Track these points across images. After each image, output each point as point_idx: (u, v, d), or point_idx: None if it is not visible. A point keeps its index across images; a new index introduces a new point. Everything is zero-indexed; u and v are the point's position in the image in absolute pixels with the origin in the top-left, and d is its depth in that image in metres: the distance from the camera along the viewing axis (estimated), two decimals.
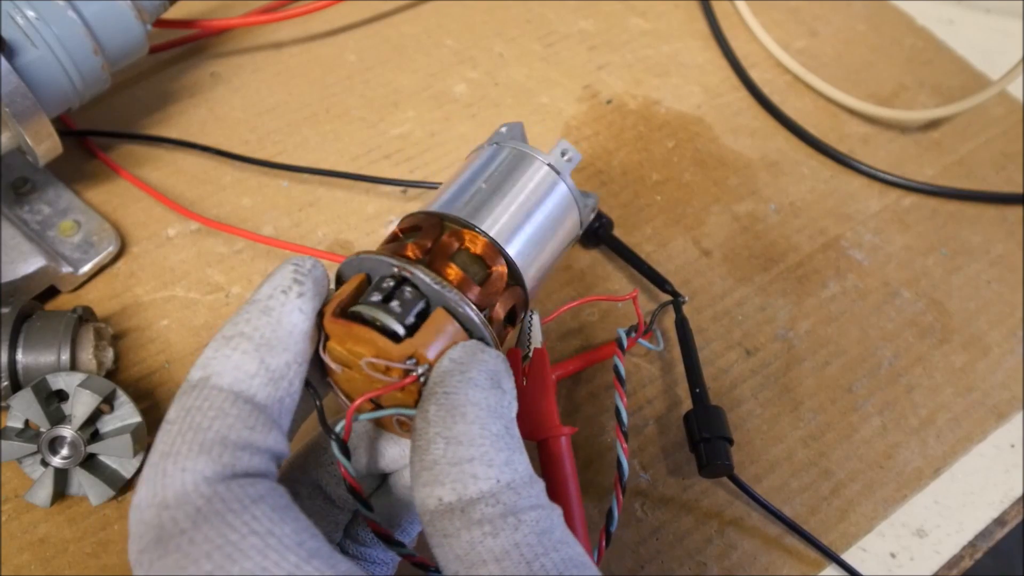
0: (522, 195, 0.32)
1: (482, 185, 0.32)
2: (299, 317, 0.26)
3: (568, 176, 0.33)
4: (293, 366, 0.25)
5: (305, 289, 0.26)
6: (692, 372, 0.41)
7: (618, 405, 0.35)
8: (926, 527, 0.41)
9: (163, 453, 0.23)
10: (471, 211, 0.30)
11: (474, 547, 0.23)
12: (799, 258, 0.49)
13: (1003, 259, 0.51)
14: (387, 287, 0.27)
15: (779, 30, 0.59)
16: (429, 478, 0.24)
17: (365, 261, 0.28)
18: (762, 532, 0.40)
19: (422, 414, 0.25)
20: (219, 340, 0.25)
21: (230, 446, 0.23)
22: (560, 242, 0.33)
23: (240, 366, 0.24)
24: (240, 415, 0.24)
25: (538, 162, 0.33)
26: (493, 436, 0.24)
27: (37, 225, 0.44)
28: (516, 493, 0.24)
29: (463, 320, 0.27)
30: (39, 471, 0.37)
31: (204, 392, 0.24)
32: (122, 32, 0.42)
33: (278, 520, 0.22)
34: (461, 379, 0.25)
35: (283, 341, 0.25)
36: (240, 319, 0.25)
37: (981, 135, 0.56)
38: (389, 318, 0.26)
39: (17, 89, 0.38)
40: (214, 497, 0.22)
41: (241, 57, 0.54)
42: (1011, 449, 0.44)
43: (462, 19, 0.57)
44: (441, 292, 0.27)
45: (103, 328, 0.40)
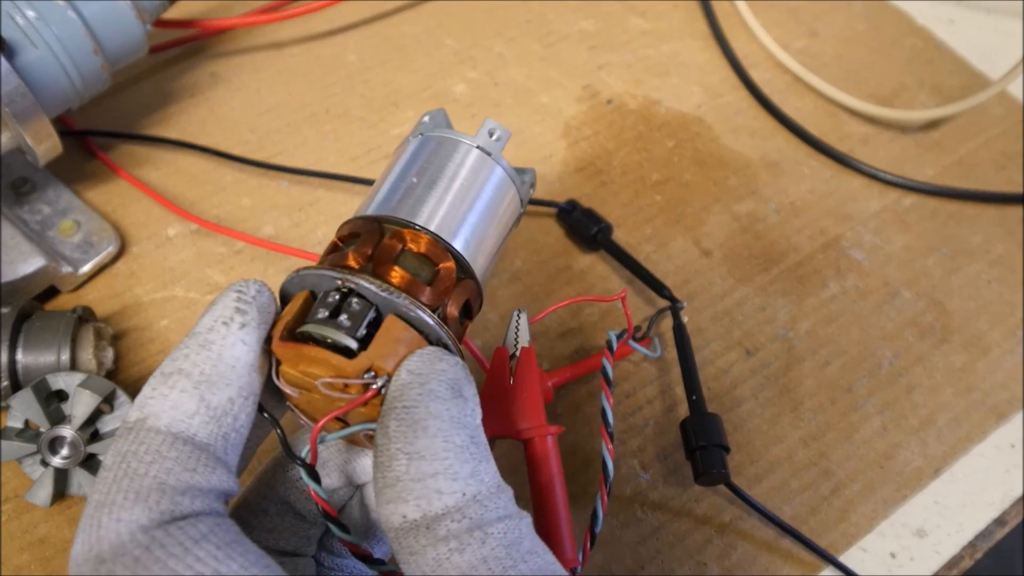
0: (456, 183, 0.30)
1: (413, 179, 0.30)
2: (242, 350, 0.25)
3: (500, 156, 0.32)
4: (237, 400, 0.24)
5: (248, 319, 0.25)
6: (689, 379, 0.41)
7: (604, 406, 0.35)
8: (926, 527, 0.41)
9: (98, 503, 0.22)
10: (408, 209, 0.29)
11: (440, 564, 0.22)
12: (799, 258, 0.49)
13: (1003, 259, 0.51)
14: (333, 301, 0.26)
15: (779, 30, 0.59)
16: (392, 495, 0.23)
17: (307, 277, 0.27)
18: (761, 533, 0.40)
19: (382, 430, 0.24)
20: (157, 378, 0.24)
21: (168, 491, 0.22)
22: (503, 225, 0.32)
23: (178, 405, 0.23)
24: (179, 457, 0.23)
25: (466, 146, 0.31)
26: (457, 448, 0.23)
27: (37, 225, 0.44)
28: (483, 506, 0.23)
29: (416, 324, 0.26)
30: (39, 471, 0.37)
31: (140, 435, 0.23)
32: (122, 32, 0.42)
33: (224, 558, 0.21)
34: (420, 391, 0.24)
35: (225, 376, 0.24)
36: (179, 354, 0.24)
37: (981, 135, 0.56)
38: (339, 333, 0.25)
39: (17, 89, 0.38)
40: (152, 544, 0.21)
41: (241, 57, 0.54)
42: (1011, 449, 0.44)
43: (462, 19, 0.57)
44: (389, 299, 0.26)
45: (103, 328, 0.40)
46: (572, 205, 0.48)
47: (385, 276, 0.27)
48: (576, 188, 0.50)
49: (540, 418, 0.35)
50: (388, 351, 0.25)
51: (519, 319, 0.37)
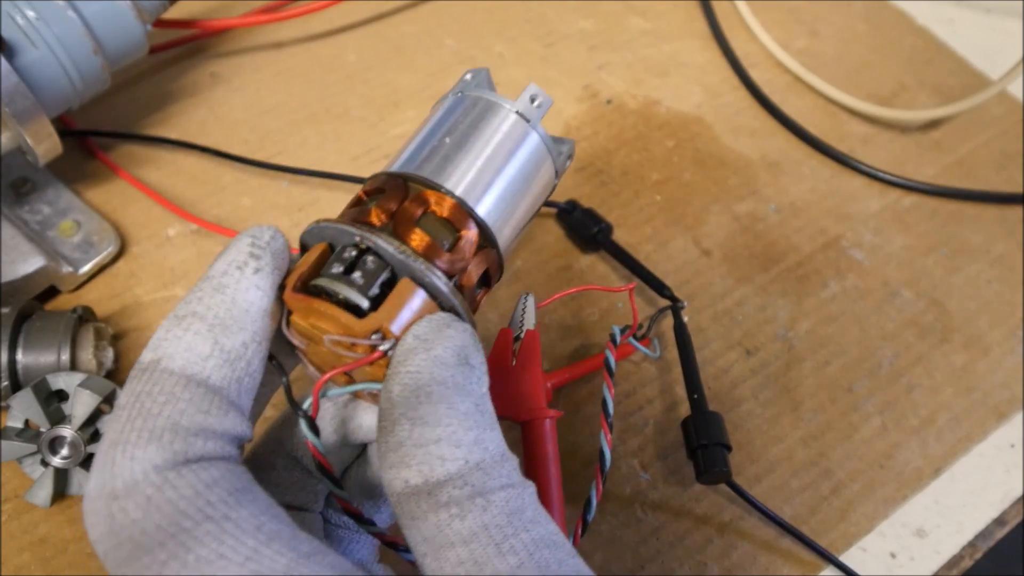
0: (489, 148, 0.29)
1: (446, 140, 0.29)
2: (256, 294, 0.24)
3: (539, 123, 0.31)
4: (251, 345, 0.24)
5: (262, 264, 0.25)
6: (690, 378, 0.41)
7: (605, 396, 0.35)
8: (926, 527, 0.41)
9: (112, 442, 0.22)
10: (435, 169, 0.28)
11: (441, 529, 0.22)
12: (799, 258, 0.49)
13: (1003, 259, 0.51)
14: (348, 257, 0.26)
15: (779, 30, 0.59)
16: (395, 460, 0.23)
17: (326, 229, 0.26)
18: (761, 533, 0.40)
19: (386, 394, 0.24)
20: (171, 320, 0.24)
21: (182, 432, 0.22)
22: (535, 196, 0.31)
23: (192, 348, 0.23)
24: (193, 399, 0.23)
25: (505, 110, 0.30)
26: (461, 415, 0.23)
27: (37, 225, 0.44)
28: (485, 473, 0.23)
29: (430, 289, 0.26)
30: (39, 471, 0.37)
31: (154, 376, 0.23)
32: (122, 32, 0.42)
33: (234, 504, 0.21)
34: (426, 357, 0.24)
35: (239, 320, 0.24)
36: (193, 297, 0.24)
37: (981, 135, 0.56)
38: (351, 290, 0.25)
39: (17, 89, 0.38)
40: (165, 485, 0.21)
41: (241, 57, 0.54)
42: (1011, 449, 0.44)
43: (462, 19, 0.57)
44: (405, 261, 0.25)
45: (103, 328, 0.40)
46: (572, 205, 0.48)
47: (405, 237, 0.26)
48: (576, 188, 0.50)
49: (540, 401, 0.35)
50: (397, 314, 0.25)
51: (526, 302, 0.36)
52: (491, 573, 0.21)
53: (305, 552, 0.21)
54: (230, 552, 0.20)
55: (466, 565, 0.21)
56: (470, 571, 0.21)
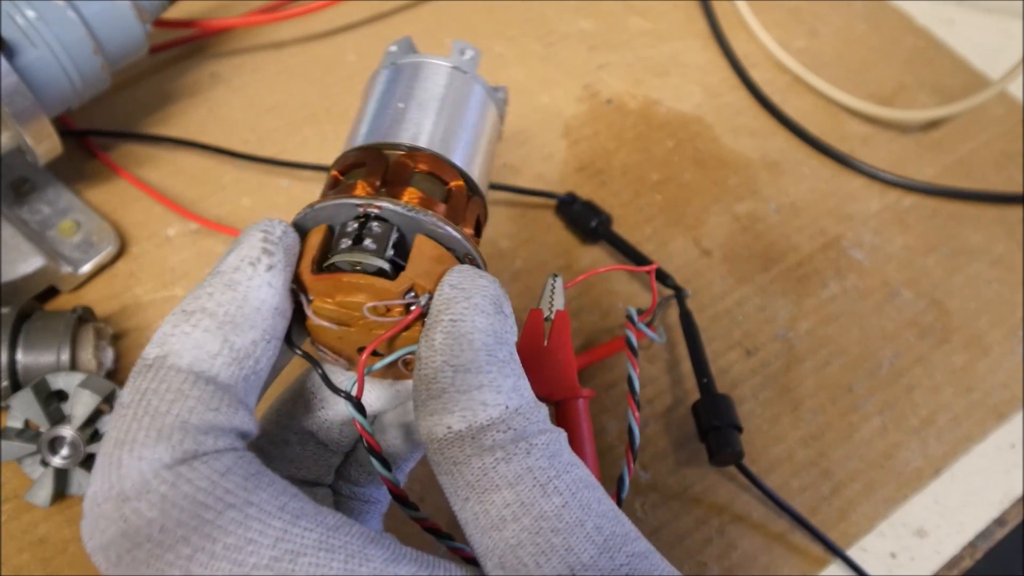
0: (445, 104, 0.30)
1: (400, 105, 0.30)
2: (268, 292, 0.24)
3: (476, 73, 0.32)
4: (260, 344, 0.24)
5: (275, 260, 0.24)
6: (699, 362, 0.42)
7: (630, 374, 0.35)
8: (926, 527, 0.41)
9: (118, 441, 0.21)
10: (404, 132, 0.29)
11: (486, 473, 0.22)
12: (799, 258, 0.49)
13: (1003, 259, 0.51)
14: (352, 229, 0.25)
15: (779, 30, 0.59)
16: (437, 407, 0.23)
17: (320, 211, 0.26)
18: (764, 530, 0.40)
19: (427, 343, 0.24)
20: (178, 315, 0.23)
21: (191, 430, 0.22)
22: (491, 141, 0.32)
23: (201, 345, 0.23)
24: (202, 397, 0.22)
25: (445, 67, 0.31)
26: (500, 362, 0.24)
27: (37, 225, 0.44)
28: (525, 418, 0.23)
29: (445, 240, 0.26)
30: (39, 471, 0.37)
31: (161, 373, 0.22)
32: (122, 32, 0.42)
33: (253, 488, 0.21)
34: (467, 305, 0.24)
35: (249, 318, 0.24)
36: (203, 292, 0.24)
37: (981, 135, 0.56)
38: (369, 257, 0.25)
39: (17, 89, 0.38)
40: (179, 480, 0.21)
41: (241, 57, 0.54)
42: (1011, 449, 0.44)
43: (462, 19, 0.57)
44: (415, 217, 0.25)
45: (103, 328, 0.40)
46: (572, 197, 0.48)
47: (400, 198, 0.26)
48: (576, 188, 0.50)
49: (573, 381, 0.35)
50: (425, 269, 0.25)
51: (555, 283, 0.37)
52: (538, 513, 0.22)
53: (332, 525, 0.21)
54: (258, 536, 0.20)
55: (512, 507, 0.22)
56: (516, 512, 0.22)
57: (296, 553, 0.20)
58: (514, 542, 0.22)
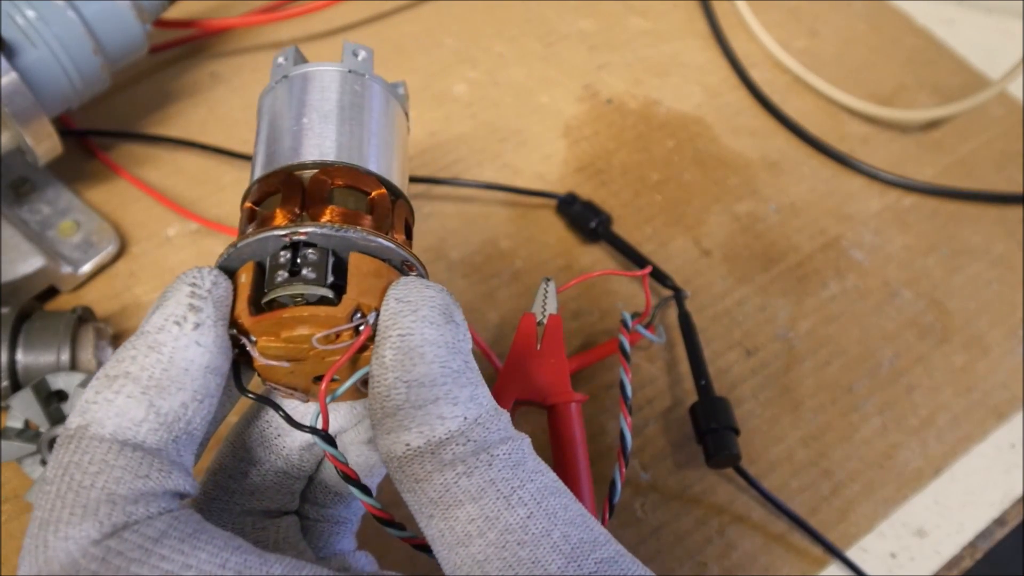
0: (344, 110, 0.29)
1: (304, 120, 0.28)
2: (196, 352, 0.22)
3: (373, 74, 0.31)
4: (191, 405, 0.22)
5: (203, 317, 0.23)
6: (697, 365, 0.42)
7: (622, 379, 0.35)
8: (926, 527, 0.41)
9: (42, 522, 0.20)
10: (312, 149, 0.27)
11: (448, 489, 0.22)
12: (799, 258, 0.49)
13: (1003, 259, 0.51)
14: (286, 260, 0.24)
15: (779, 30, 0.59)
16: (393, 425, 0.22)
17: (244, 248, 0.25)
18: (764, 530, 0.40)
19: (378, 360, 0.23)
20: (101, 380, 0.22)
21: (120, 502, 0.20)
22: (402, 139, 0.31)
23: (124, 412, 0.21)
24: (129, 465, 0.21)
25: (339, 72, 0.30)
26: (455, 373, 0.23)
27: (37, 225, 0.44)
28: (485, 428, 0.23)
29: (379, 253, 0.25)
30: (39, 471, 0.37)
31: (83, 444, 0.21)
32: (122, 32, 0.42)
33: (190, 550, 0.20)
34: (414, 318, 0.23)
35: (177, 380, 0.22)
36: (125, 355, 0.22)
37: (981, 135, 0.56)
38: (311, 287, 0.24)
39: (17, 89, 0.38)
40: (108, 555, 0.20)
41: (241, 57, 0.54)
42: (1011, 449, 0.44)
43: (462, 19, 0.57)
44: (345, 236, 0.24)
45: (103, 328, 0.40)
46: (572, 197, 0.48)
47: (324, 218, 0.25)
48: (576, 188, 0.50)
49: (566, 385, 0.35)
50: (367, 285, 0.24)
51: (547, 287, 0.37)
52: (503, 526, 0.21)
53: (279, 572, 0.21)
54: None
55: (477, 522, 0.21)
56: (481, 527, 0.21)
57: None
58: (481, 558, 0.21)
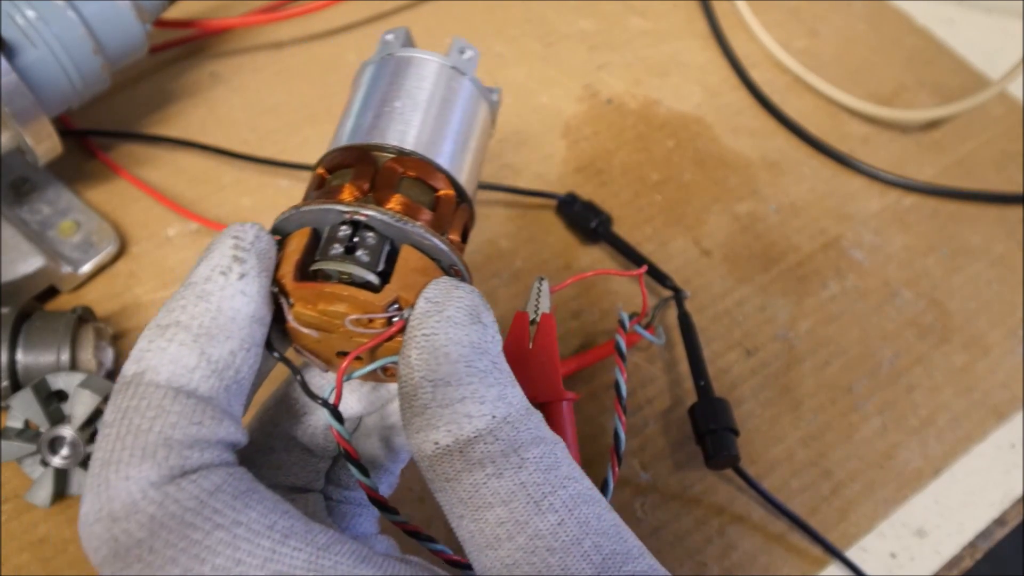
0: (437, 104, 0.29)
1: (396, 104, 0.29)
2: (242, 301, 0.23)
3: (473, 74, 0.31)
4: (239, 353, 0.23)
5: (247, 268, 0.24)
6: (696, 365, 0.42)
7: (618, 379, 0.35)
8: (926, 527, 0.41)
9: (103, 461, 0.21)
10: (394, 134, 0.28)
11: (478, 489, 0.22)
12: (799, 258, 0.49)
13: (1003, 259, 0.51)
14: (345, 235, 0.25)
15: (779, 30, 0.59)
16: (421, 423, 0.23)
17: (306, 213, 0.26)
18: (764, 530, 0.40)
19: (404, 360, 0.23)
20: (153, 329, 0.23)
21: (175, 446, 0.21)
22: (482, 146, 0.31)
23: (177, 359, 0.22)
24: (183, 412, 0.22)
25: (440, 65, 0.30)
26: (480, 372, 0.23)
27: (37, 225, 0.44)
28: (514, 427, 0.23)
29: (431, 252, 0.26)
30: (39, 471, 0.37)
31: (140, 390, 0.22)
32: (122, 32, 0.42)
33: (241, 507, 0.21)
34: (439, 319, 0.24)
35: (225, 329, 0.23)
36: (176, 305, 0.23)
37: (981, 135, 0.56)
38: (361, 269, 0.24)
39: (17, 89, 0.38)
40: (166, 500, 0.21)
41: (241, 57, 0.54)
42: (1011, 449, 0.44)
43: (462, 19, 0.57)
44: (403, 228, 0.25)
45: (103, 328, 0.40)
46: (572, 198, 0.48)
47: (387, 205, 0.26)
48: (576, 188, 0.50)
49: (557, 384, 0.35)
50: (409, 281, 0.25)
51: (541, 286, 0.37)
52: (533, 531, 0.21)
53: (323, 544, 0.21)
54: (247, 556, 0.20)
55: (507, 525, 0.21)
56: (512, 531, 0.21)
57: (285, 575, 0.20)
58: (509, 562, 0.21)
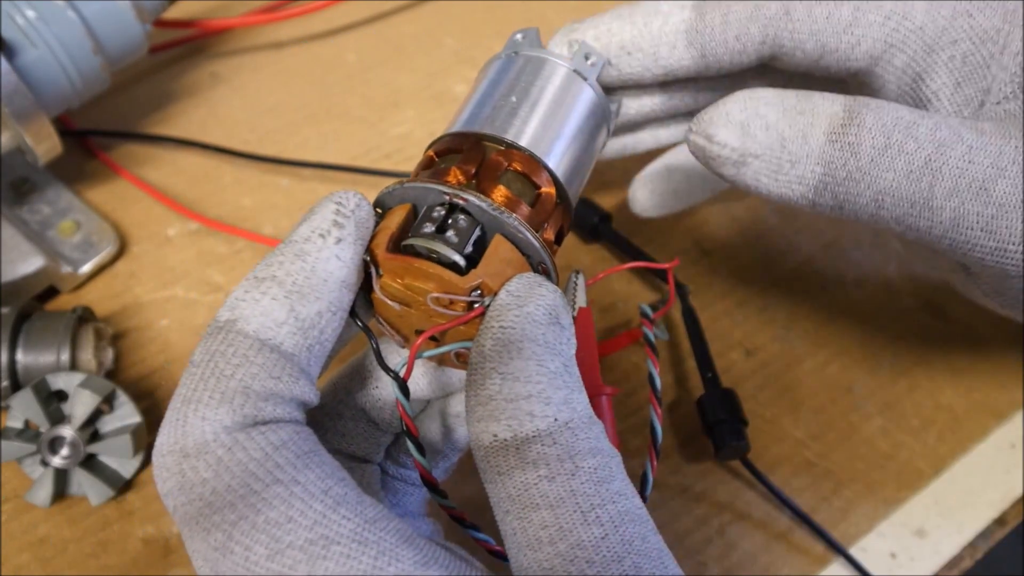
0: (552, 105, 0.30)
1: (513, 99, 0.30)
2: (336, 264, 0.24)
3: (595, 81, 0.31)
4: (326, 315, 0.24)
5: (346, 233, 0.25)
6: (703, 358, 0.42)
7: (651, 371, 0.34)
8: (926, 527, 0.41)
9: (185, 399, 0.23)
10: (508, 127, 0.29)
11: (528, 489, 0.22)
12: (799, 258, 0.49)
13: None
14: (438, 216, 0.26)
15: None
16: (484, 413, 0.23)
17: (409, 190, 0.26)
18: (764, 530, 0.40)
19: (478, 348, 0.24)
20: (250, 281, 0.24)
21: (252, 396, 0.22)
22: (593, 153, 0.32)
23: (268, 313, 0.23)
24: (265, 364, 0.23)
25: (564, 68, 0.31)
26: (551, 373, 0.23)
27: (37, 225, 0.44)
28: (574, 434, 0.23)
29: (522, 246, 0.26)
30: (39, 471, 0.37)
31: (229, 337, 0.23)
32: (122, 32, 0.42)
33: (302, 467, 0.22)
34: (519, 313, 0.24)
35: (316, 289, 0.24)
36: (274, 261, 0.24)
37: None
38: (448, 249, 0.25)
39: (17, 89, 0.38)
40: (235, 447, 0.22)
41: (241, 57, 0.54)
42: (1011, 449, 0.44)
43: (462, 19, 0.57)
44: (499, 218, 0.26)
45: (103, 328, 0.40)
46: None
47: (490, 193, 0.26)
48: None
49: (596, 378, 0.35)
50: (496, 270, 0.25)
51: (577, 280, 0.37)
52: (575, 541, 0.21)
53: (371, 517, 0.21)
54: (298, 515, 0.21)
55: (550, 529, 0.22)
56: (554, 536, 0.21)
57: (330, 540, 0.21)
58: (547, 566, 0.21)
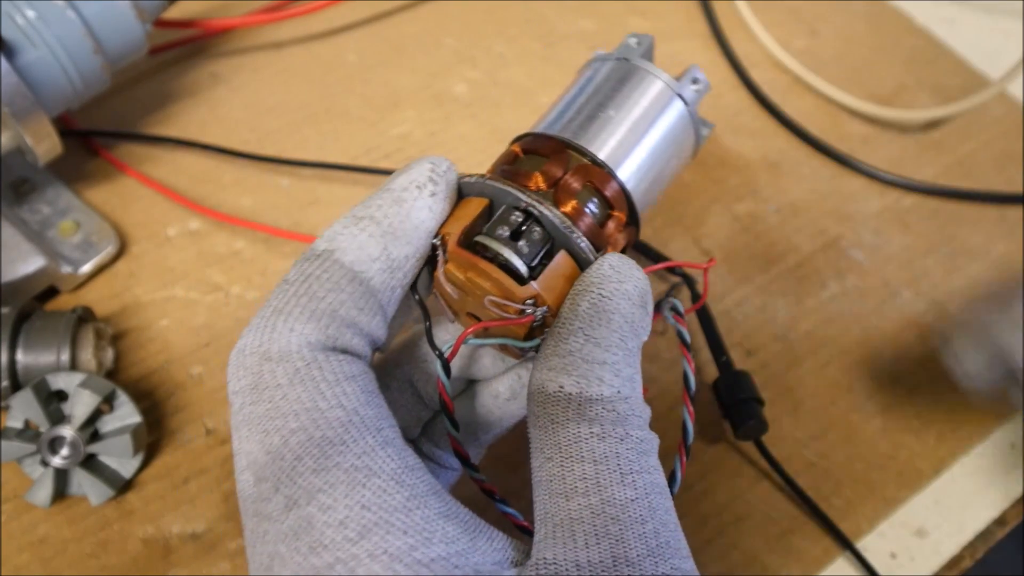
0: (651, 129, 0.30)
1: (611, 112, 0.30)
2: (427, 215, 0.26)
3: (695, 109, 0.31)
4: (412, 260, 0.26)
5: (438, 189, 0.27)
6: (715, 342, 0.42)
7: (686, 370, 0.34)
8: (926, 527, 0.41)
9: (276, 309, 0.24)
10: (600, 144, 0.29)
11: (578, 442, 0.23)
12: (799, 258, 0.49)
13: (1003, 259, 0.50)
14: (515, 221, 0.27)
15: (779, 30, 0.59)
16: (558, 364, 0.24)
17: (489, 187, 0.28)
18: (764, 530, 0.40)
19: (571, 305, 0.25)
20: (349, 218, 0.26)
21: (338, 320, 0.24)
22: (672, 173, 0.32)
23: (364, 247, 0.25)
24: (354, 294, 0.25)
25: (669, 92, 0.31)
26: (627, 350, 0.25)
27: (37, 225, 0.44)
28: (631, 408, 0.24)
29: (583, 265, 0.27)
30: (39, 471, 0.37)
31: (326, 264, 0.25)
32: (122, 32, 0.42)
33: (364, 402, 0.23)
34: (618, 287, 0.25)
35: (408, 234, 0.26)
36: (372, 203, 0.26)
37: (981, 135, 0.56)
38: (518, 260, 0.26)
39: (17, 89, 0.38)
40: (313, 363, 0.23)
41: (241, 57, 0.54)
42: (1011, 449, 0.44)
43: (462, 19, 0.57)
44: (568, 235, 0.27)
45: (103, 328, 0.40)
46: None
47: (564, 205, 0.28)
48: None
49: None
50: (552, 284, 0.26)
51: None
52: (608, 497, 0.23)
53: (411, 464, 0.23)
54: (352, 442, 0.22)
55: (588, 482, 0.23)
56: (589, 488, 0.23)
57: (372, 472, 0.22)
58: (575, 516, 0.23)
